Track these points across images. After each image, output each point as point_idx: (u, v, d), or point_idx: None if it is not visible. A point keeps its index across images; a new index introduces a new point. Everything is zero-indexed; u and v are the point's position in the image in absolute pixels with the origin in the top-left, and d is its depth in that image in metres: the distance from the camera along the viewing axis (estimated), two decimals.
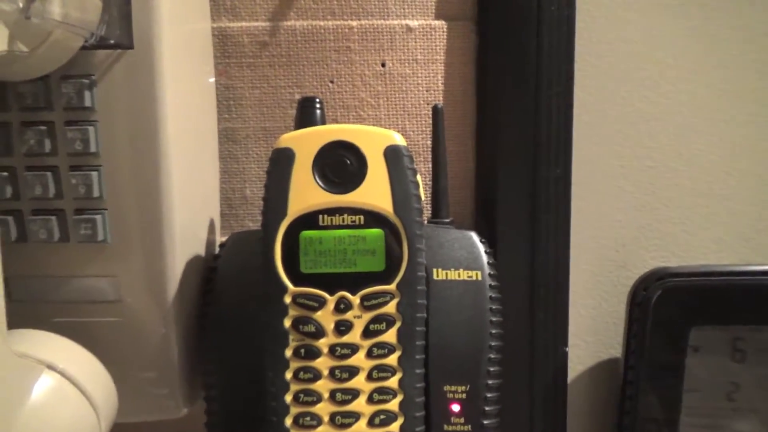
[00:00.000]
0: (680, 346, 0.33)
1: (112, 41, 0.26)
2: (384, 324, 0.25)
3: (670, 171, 0.37)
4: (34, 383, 0.23)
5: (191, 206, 0.30)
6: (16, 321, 0.23)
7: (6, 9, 0.21)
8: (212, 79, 0.34)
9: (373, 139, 0.25)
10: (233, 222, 0.36)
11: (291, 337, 0.25)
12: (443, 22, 0.34)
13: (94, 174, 0.27)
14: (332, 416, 0.25)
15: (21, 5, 0.21)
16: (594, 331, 0.38)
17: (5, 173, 0.27)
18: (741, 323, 0.33)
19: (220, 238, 0.34)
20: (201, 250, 0.31)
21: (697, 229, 0.38)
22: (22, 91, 0.26)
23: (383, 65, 0.35)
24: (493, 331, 0.29)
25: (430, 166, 0.31)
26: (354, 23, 0.34)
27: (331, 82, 0.35)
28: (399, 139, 0.25)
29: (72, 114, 0.27)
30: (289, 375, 0.25)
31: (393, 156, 0.25)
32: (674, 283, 0.32)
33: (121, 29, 0.26)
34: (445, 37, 0.35)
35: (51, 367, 0.24)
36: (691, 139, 0.37)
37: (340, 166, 0.25)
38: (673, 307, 0.33)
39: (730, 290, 0.33)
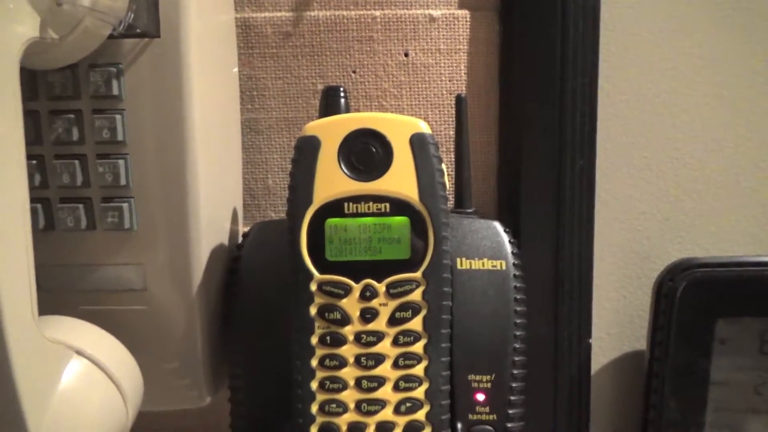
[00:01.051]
0: (706, 338, 0.32)
1: (139, 30, 0.26)
2: (410, 312, 0.25)
3: (696, 162, 0.37)
4: (64, 368, 0.23)
5: (215, 196, 0.30)
6: (43, 309, 0.23)
7: None
8: (236, 70, 0.34)
9: (398, 127, 0.25)
10: (255, 212, 0.36)
11: (317, 324, 0.25)
12: (467, 12, 0.34)
13: (121, 162, 0.27)
14: (358, 403, 0.25)
15: None
16: (618, 323, 0.38)
17: (34, 161, 0.27)
18: None
19: (242, 228, 0.35)
20: (225, 240, 0.32)
21: (724, 221, 0.37)
22: (51, 80, 0.26)
23: (406, 55, 0.34)
24: (518, 321, 0.29)
25: (453, 156, 0.31)
26: (377, 13, 0.34)
27: (354, 72, 0.35)
28: (424, 127, 0.25)
29: (100, 102, 0.27)
30: (314, 362, 0.25)
31: (419, 144, 0.25)
32: (701, 274, 0.32)
33: (148, 18, 0.26)
34: (468, 26, 0.34)
35: (80, 353, 0.24)
36: (718, 131, 0.37)
37: (366, 153, 0.25)
38: (699, 299, 0.32)
39: (758, 281, 0.32)
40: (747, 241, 0.37)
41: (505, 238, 0.29)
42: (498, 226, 0.30)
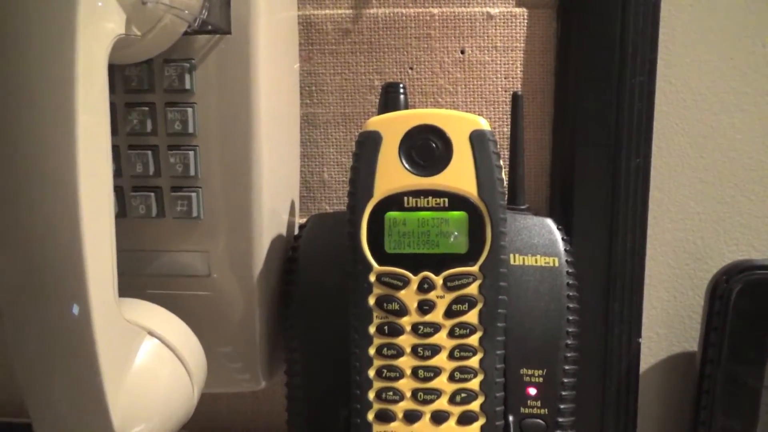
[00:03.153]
0: (762, 340, 0.32)
1: (211, 27, 0.27)
2: (466, 305, 0.26)
3: (754, 163, 0.36)
4: (139, 347, 0.25)
5: (276, 188, 0.31)
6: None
7: None
8: (297, 65, 0.35)
9: (459, 124, 0.26)
10: (311, 204, 0.37)
11: (375, 314, 0.26)
12: (524, 10, 0.35)
13: (191, 153, 0.28)
14: (414, 392, 0.26)
15: None
16: (668, 323, 0.37)
17: None
18: None
19: (299, 220, 0.36)
20: (283, 230, 0.33)
21: None
22: (128, 74, 0.28)
23: (462, 52, 0.35)
24: (570, 318, 0.29)
25: (508, 152, 0.32)
26: (435, 10, 0.34)
27: (411, 68, 0.35)
28: (484, 124, 0.26)
29: (172, 96, 0.28)
30: (372, 351, 0.26)
31: (478, 140, 0.25)
32: (757, 277, 0.32)
33: (221, 15, 0.27)
34: (525, 24, 0.35)
35: (152, 334, 0.26)
36: None
37: (426, 149, 0.26)
38: (755, 301, 0.32)
39: None
40: None
41: (558, 235, 0.30)
42: (551, 223, 0.30)
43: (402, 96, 0.30)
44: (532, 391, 0.28)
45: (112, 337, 0.23)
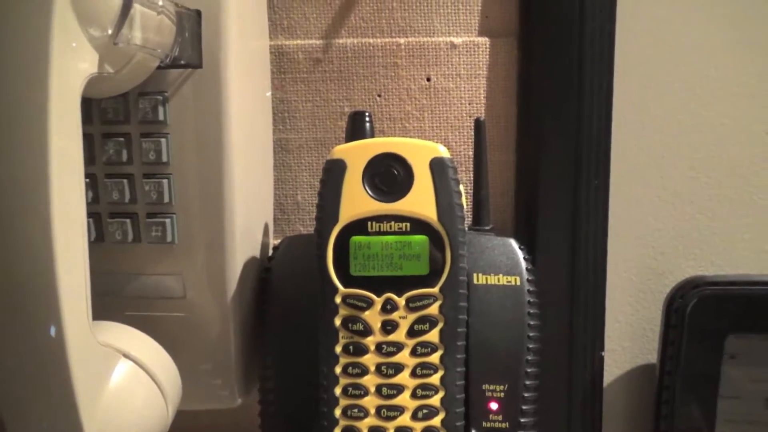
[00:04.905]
0: (716, 353, 0.33)
1: (183, 61, 0.28)
2: (427, 324, 0.27)
3: (711, 181, 0.38)
4: (113, 369, 0.26)
5: (249, 211, 0.33)
6: (92, 314, 0.26)
7: (97, 35, 0.23)
8: (269, 93, 0.36)
9: (419, 151, 0.27)
10: (285, 226, 0.38)
11: (341, 334, 0.27)
12: (486, 39, 0.36)
13: (165, 181, 0.30)
14: (378, 409, 0.27)
15: (110, 32, 0.23)
16: (631, 336, 0.39)
17: (87, 179, 0.30)
18: None
19: (273, 241, 0.37)
20: (257, 252, 0.34)
21: (738, 240, 0.38)
22: (105, 106, 0.29)
23: (428, 80, 0.36)
24: (531, 334, 0.30)
25: (472, 175, 0.33)
26: (401, 40, 0.36)
27: (379, 95, 0.37)
28: (444, 151, 0.27)
29: (147, 127, 0.29)
30: (338, 369, 0.27)
31: (438, 167, 0.27)
32: (710, 292, 0.33)
33: (192, 50, 0.28)
34: (488, 53, 0.36)
35: (127, 356, 0.27)
36: (733, 150, 0.38)
37: (389, 176, 0.27)
38: (709, 315, 0.33)
39: (766, 299, 0.33)
40: (761, 258, 0.38)
41: (520, 254, 0.31)
42: (513, 243, 0.31)
43: (368, 124, 0.31)
44: (494, 405, 0.29)
45: (86, 359, 0.24)
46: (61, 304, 0.23)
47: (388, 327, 0.27)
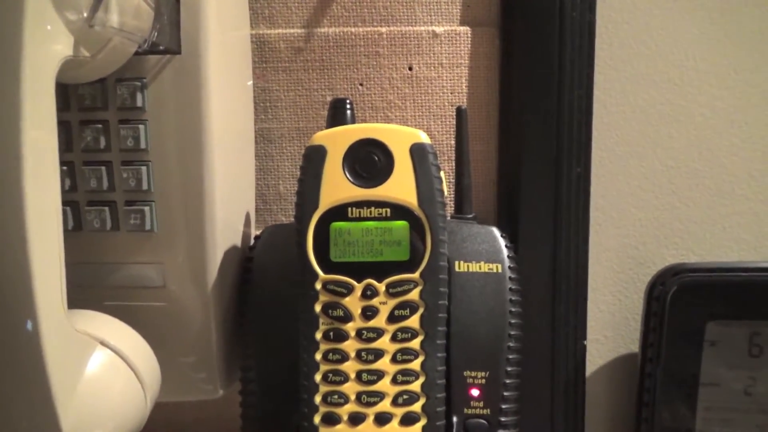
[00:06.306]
0: (697, 340, 0.34)
1: (162, 47, 0.28)
2: (408, 310, 0.27)
3: (691, 171, 0.38)
4: (89, 357, 0.25)
5: (230, 200, 0.33)
6: (71, 304, 0.25)
7: (72, 18, 0.23)
8: (250, 83, 0.36)
9: (399, 137, 0.27)
10: (267, 216, 0.38)
11: (321, 321, 0.27)
12: (468, 28, 0.36)
13: (144, 169, 0.29)
14: (358, 395, 0.27)
15: (85, 15, 0.23)
16: (613, 325, 0.39)
17: (65, 167, 0.30)
18: (758, 318, 0.34)
19: (255, 231, 0.37)
20: (238, 241, 0.34)
21: (718, 229, 0.39)
22: (82, 92, 0.29)
23: (410, 69, 0.36)
24: (513, 321, 0.30)
25: (454, 164, 0.33)
26: (383, 29, 0.36)
27: (361, 84, 0.37)
28: (424, 137, 0.27)
29: (125, 114, 0.29)
30: (319, 356, 0.27)
31: (418, 153, 0.27)
32: (690, 279, 0.33)
33: (170, 36, 0.28)
34: (469, 42, 0.36)
35: (104, 344, 0.26)
36: (713, 141, 0.38)
37: (369, 162, 0.27)
38: (690, 302, 0.34)
39: (746, 286, 0.33)
40: (740, 247, 0.38)
41: (502, 242, 0.31)
42: (495, 231, 0.31)
43: (349, 111, 0.31)
44: (475, 392, 0.29)
45: (61, 347, 0.24)
46: (35, 291, 0.22)
47: (369, 313, 0.27)
